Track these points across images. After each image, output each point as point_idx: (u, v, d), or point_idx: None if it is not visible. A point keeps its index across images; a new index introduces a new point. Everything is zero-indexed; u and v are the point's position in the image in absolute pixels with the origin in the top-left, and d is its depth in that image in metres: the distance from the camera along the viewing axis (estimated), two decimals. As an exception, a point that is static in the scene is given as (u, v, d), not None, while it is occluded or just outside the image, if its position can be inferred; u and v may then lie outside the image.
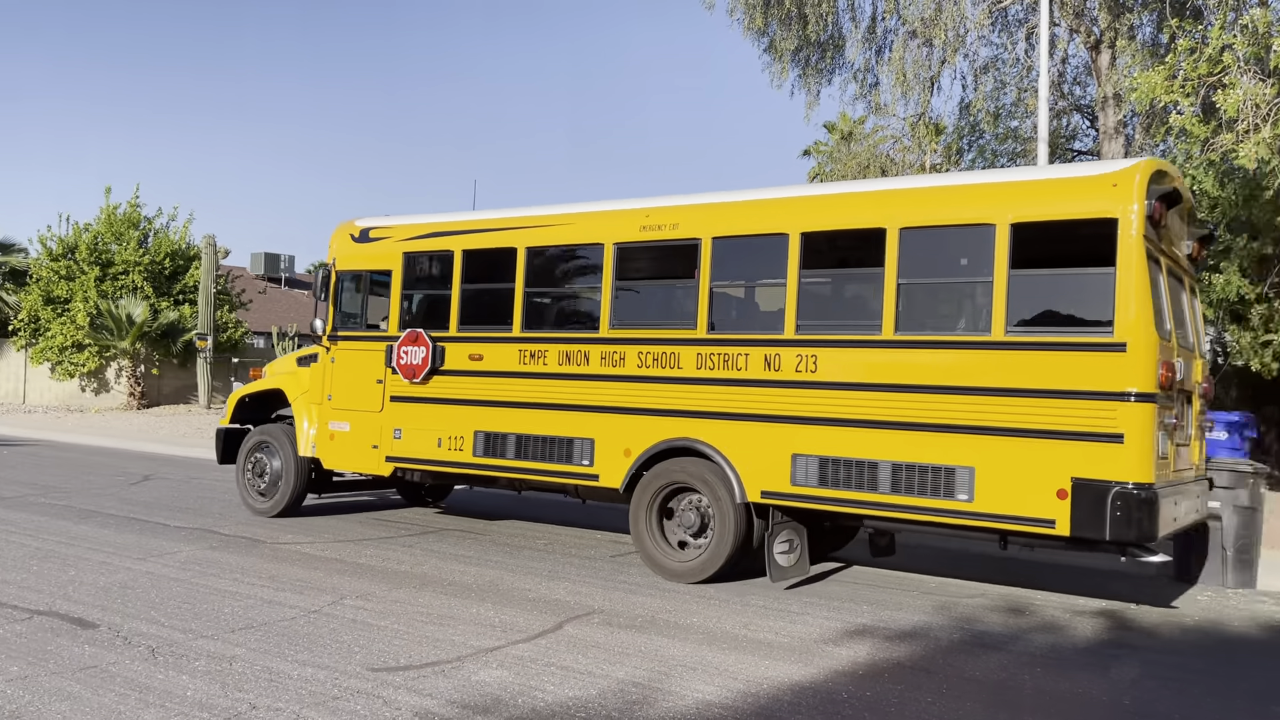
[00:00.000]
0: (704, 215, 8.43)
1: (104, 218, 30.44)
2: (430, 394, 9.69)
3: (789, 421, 7.81)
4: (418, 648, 5.95)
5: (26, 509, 10.73)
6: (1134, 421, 6.62)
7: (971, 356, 7.17)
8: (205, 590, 7.24)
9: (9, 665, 5.33)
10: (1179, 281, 8.07)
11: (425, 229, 10.02)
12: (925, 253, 7.52)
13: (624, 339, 8.64)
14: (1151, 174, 6.92)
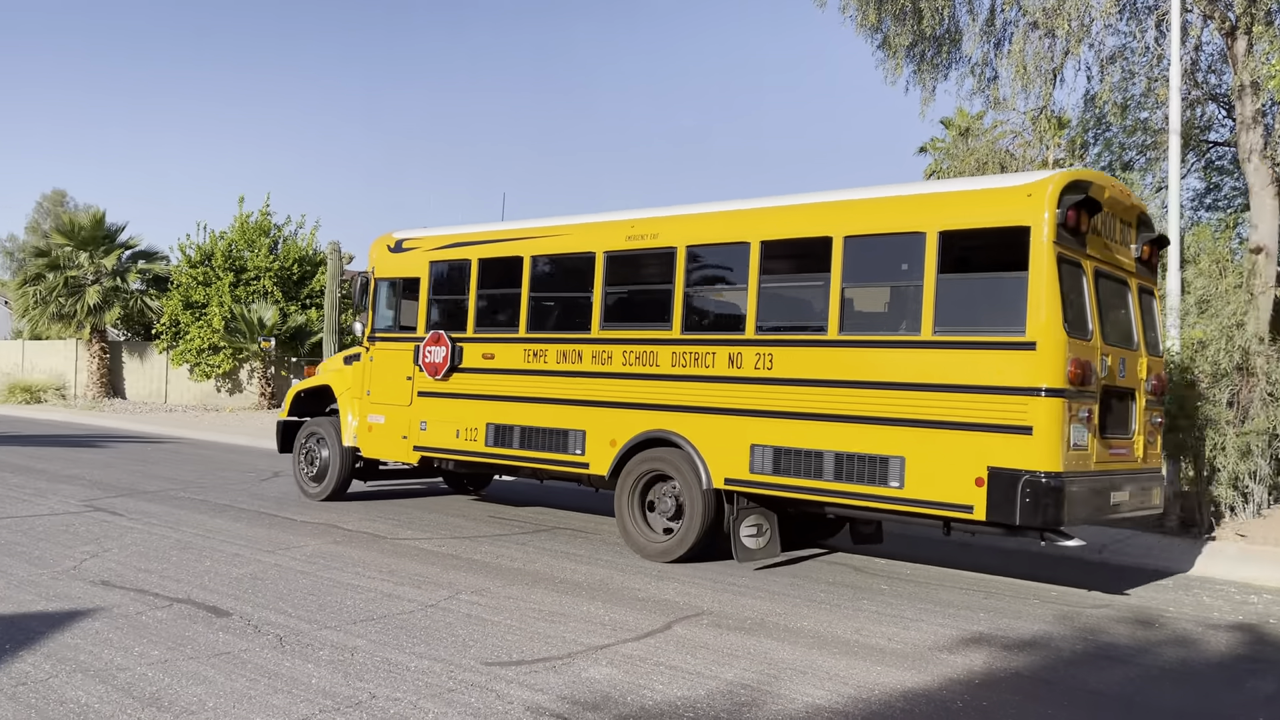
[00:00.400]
0: (679, 225, 9.21)
1: (237, 226, 31.94)
2: (450, 389, 10.68)
3: (748, 415, 8.53)
4: (530, 643, 6.06)
5: (167, 502, 11.35)
6: (1042, 415, 7.14)
7: (903, 355, 7.80)
8: (329, 583, 7.53)
9: (151, 650, 5.65)
10: (1120, 284, 8.47)
11: (448, 240, 11.03)
12: (866, 259, 8.20)
13: (612, 339, 9.51)
14: (1065, 185, 7.42)
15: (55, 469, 14.11)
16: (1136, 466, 8.38)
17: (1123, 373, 8.10)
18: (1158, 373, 8.75)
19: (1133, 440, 8.34)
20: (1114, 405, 8.04)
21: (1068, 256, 7.49)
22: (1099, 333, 7.79)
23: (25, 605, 6.56)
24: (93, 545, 8.65)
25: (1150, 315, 8.98)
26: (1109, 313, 8.15)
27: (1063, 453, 7.21)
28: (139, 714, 4.65)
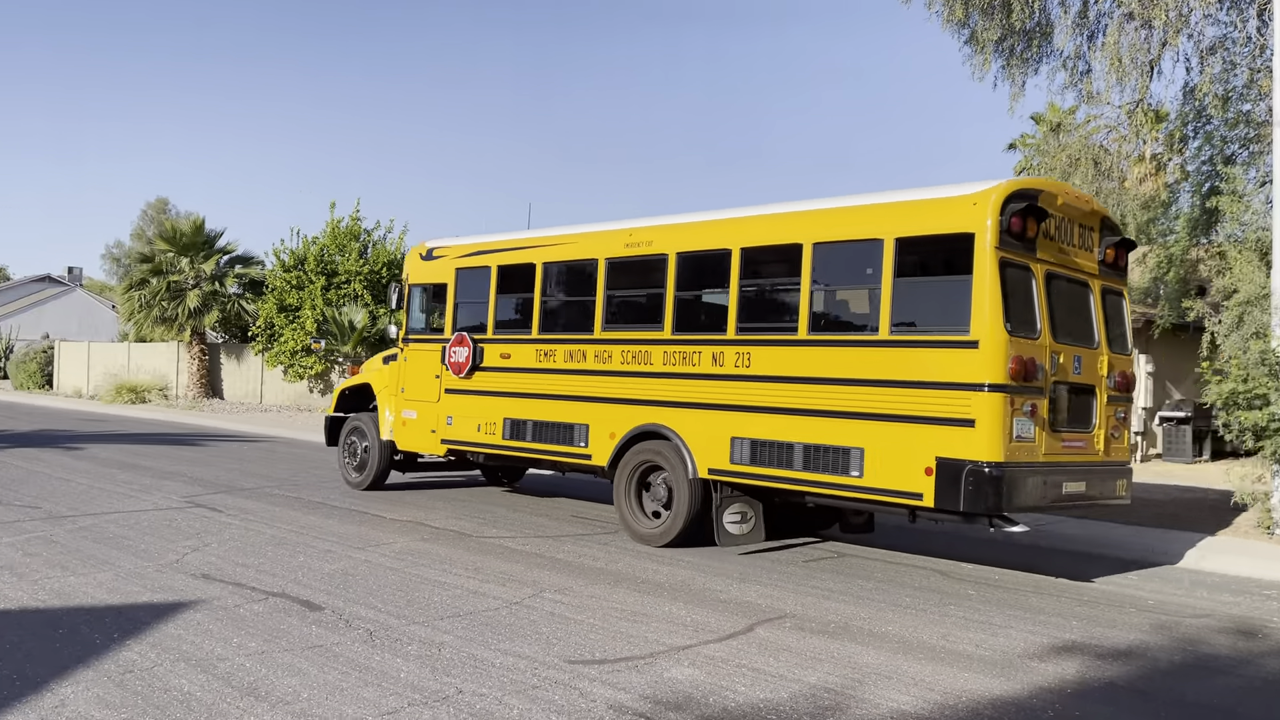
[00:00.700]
0: (670, 234, 9.87)
1: (329, 231, 32.82)
2: (472, 387, 11.53)
3: (729, 409, 9.14)
4: (612, 643, 6.11)
5: (263, 499, 11.73)
6: (984, 409, 7.60)
7: (863, 353, 8.34)
8: (416, 579, 7.70)
9: (248, 642, 5.86)
10: (1081, 285, 8.86)
11: (472, 249, 11.91)
12: (832, 264, 8.82)
13: (612, 339, 10.22)
14: (1008, 194, 7.83)
15: (159, 466, 14.70)
16: (1097, 459, 8.76)
17: (1078, 369, 8.52)
18: (1122, 370, 9.07)
19: (1093, 434, 8.73)
20: (1069, 400, 8.44)
21: (1013, 261, 7.93)
22: (1048, 331, 8.18)
23: (132, 596, 6.86)
24: (194, 540, 8.99)
25: (1117, 315, 9.32)
26: (1065, 313, 8.58)
27: (1004, 444, 7.65)
28: (238, 703, 4.83)
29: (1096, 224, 9.15)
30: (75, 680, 5.08)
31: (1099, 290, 9.04)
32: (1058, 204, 8.50)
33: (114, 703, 4.78)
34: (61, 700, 4.79)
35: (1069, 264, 8.70)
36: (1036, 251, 8.21)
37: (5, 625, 6.04)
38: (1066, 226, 8.71)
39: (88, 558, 8.05)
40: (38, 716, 4.58)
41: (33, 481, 12.54)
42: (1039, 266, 8.21)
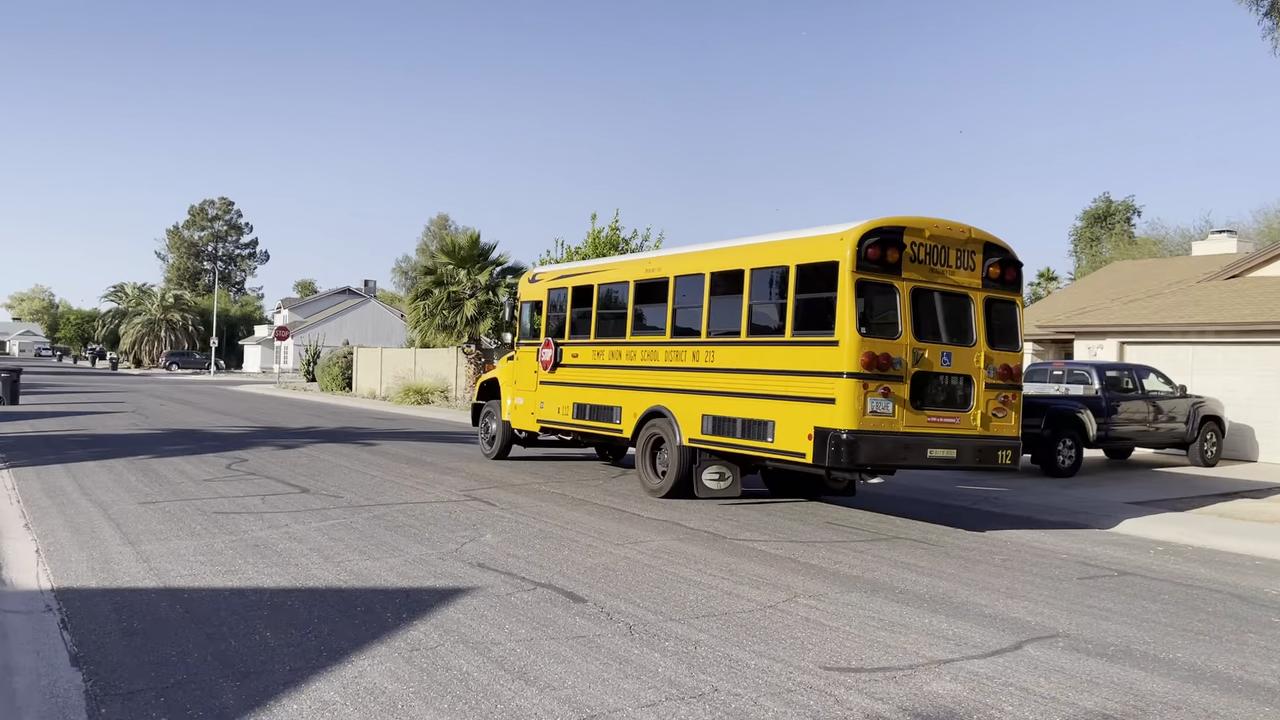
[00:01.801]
0: (671, 262, 13.03)
1: (589, 241, 34.19)
2: (555, 379, 14.91)
3: (702, 394, 11.91)
4: (869, 651, 5.99)
5: (531, 495, 12.42)
6: (842, 390, 10.04)
7: (777, 350, 10.99)
8: (673, 578, 7.89)
9: (519, 628, 6.23)
10: (959, 297, 10.85)
11: (558, 274, 15.80)
12: (762, 284, 11.41)
13: (636, 342, 13.31)
14: (865, 231, 10.19)
15: (440, 462, 15.91)
16: (974, 433, 10.75)
17: (947, 362, 10.63)
18: (1005, 363, 11.01)
19: (970, 413, 10.75)
20: (937, 386, 10.61)
21: (872, 280, 10.28)
22: (910, 333, 10.37)
23: (418, 581, 7.47)
24: (471, 531, 9.66)
25: (1004, 318, 11.20)
26: (937, 318, 10.73)
27: (859, 417, 10.01)
28: (510, 685, 5.15)
29: (979, 248, 11.08)
30: (371, 654, 5.60)
31: (981, 300, 11.02)
32: (925, 235, 10.65)
33: (403, 677, 5.23)
34: (360, 671, 5.31)
35: (944, 280, 10.78)
36: (901, 273, 10.43)
37: (314, 602, 6.76)
38: (940, 251, 10.75)
39: (381, 544, 8.85)
40: (340, 684, 5.10)
41: (335, 474, 13.93)
42: (904, 284, 10.45)
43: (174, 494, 11.52)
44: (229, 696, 4.88)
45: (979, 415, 10.78)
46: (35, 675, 5.12)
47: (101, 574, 7.44)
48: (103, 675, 5.14)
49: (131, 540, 8.70)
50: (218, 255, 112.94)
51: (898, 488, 14.31)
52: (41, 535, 8.87)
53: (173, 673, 5.20)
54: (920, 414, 10.39)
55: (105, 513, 10.09)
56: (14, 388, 28.33)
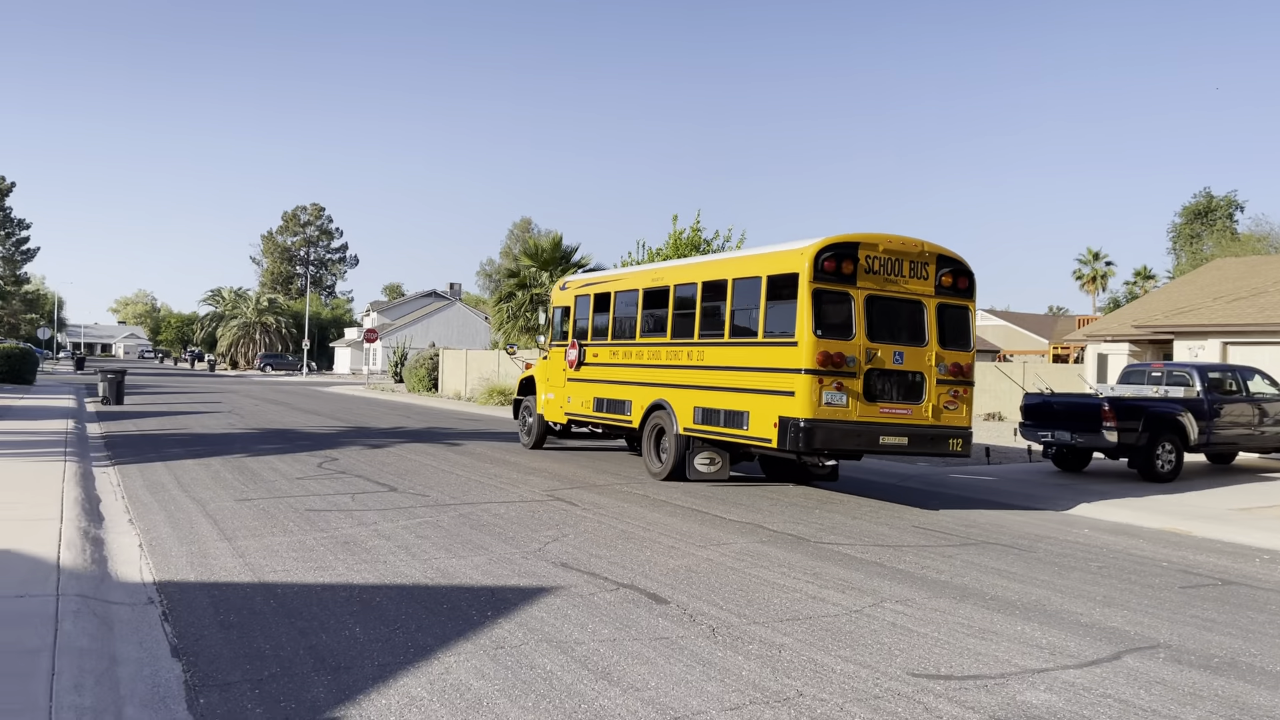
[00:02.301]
0: (672, 272, 14.87)
1: (671, 243, 34.17)
2: (579, 376, 16.72)
3: (695, 388, 13.55)
4: (958, 659, 5.85)
5: (613, 495, 12.45)
6: (799, 385, 11.47)
7: (751, 350, 12.56)
8: (756, 580, 7.82)
9: (601, 629, 6.25)
10: (912, 303, 12.18)
11: (583, 282, 17.73)
12: (741, 292, 12.95)
13: (644, 344, 15.07)
14: (822, 247, 11.60)
15: (523, 462, 16.07)
16: (925, 423, 12.08)
17: (899, 360, 11.97)
18: (955, 361, 12.31)
19: (922, 405, 12.09)
20: (889, 381, 11.94)
21: (829, 290, 11.71)
22: (864, 335, 11.76)
23: (502, 579, 7.55)
24: (553, 530, 9.73)
25: (956, 322, 12.49)
26: (890, 322, 12.07)
27: (814, 407, 11.46)
28: (593, 685, 5.16)
29: (932, 259, 12.40)
30: (457, 651, 5.67)
31: (934, 306, 12.33)
32: (880, 249, 12.01)
33: (488, 674, 5.28)
34: (446, 668, 5.38)
35: (898, 289, 12.14)
36: (857, 282, 11.84)
37: (402, 598, 6.88)
38: (895, 263, 12.12)
39: (466, 542, 8.97)
40: (427, 681, 5.17)
41: (422, 473, 14.17)
42: (859, 292, 11.86)
43: (268, 491, 11.85)
44: (320, 690, 4.98)
45: (930, 407, 12.19)
46: (138, 665, 5.31)
47: (200, 568, 7.69)
48: (201, 666, 5.31)
49: (228, 536, 8.97)
50: (309, 260, 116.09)
51: (982, 489, 13.97)
52: (144, 530, 9.21)
53: (266, 665, 5.34)
54: (873, 405, 11.83)
55: (203, 509, 10.43)
56: (119, 389, 29.53)
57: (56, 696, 4.49)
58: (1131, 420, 14.99)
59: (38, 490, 10.68)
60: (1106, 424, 14.84)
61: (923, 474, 15.82)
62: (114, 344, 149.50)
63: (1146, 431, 15.17)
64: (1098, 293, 75.26)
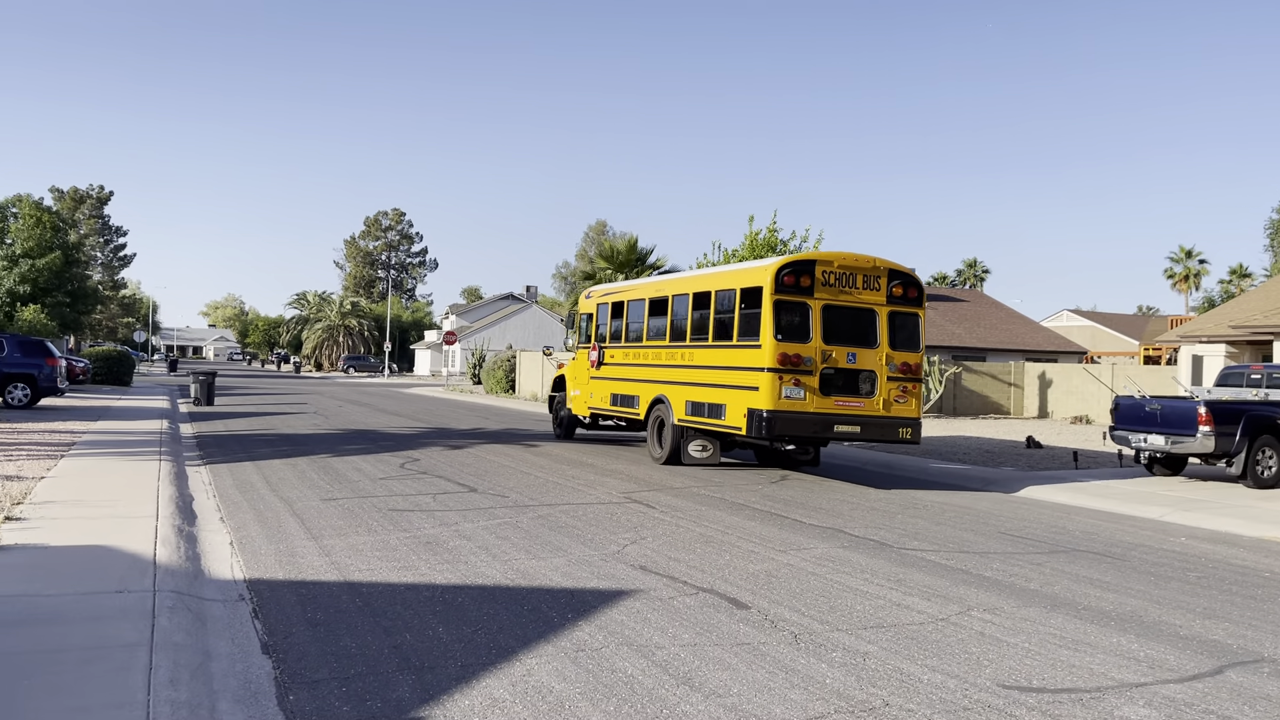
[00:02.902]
0: (671, 284, 17.09)
1: (747, 243, 33.95)
2: (599, 375, 18.90)
3: (687, 385, 15.53)
4: (1051, 671, 5.67)
5: (691, 499, 12.40)
6: (762, 381, 13.54)
7: (728, 351, 14.53)
8: (838, 586, 7.69)
9: (682, 633, 6.20)
10: (866, 311, 14.12)
11: (604, 291, 19.80)
12: (721, 301, 14.98)
13: (649, 346, 17.19)
14: (781, 265, 13.72)
15: (600, 464, 16.12)
16: (876, 414, 13.95)
17: (852, 360, 13.85)
18: (904, 361, 14.18)
19: (874, 399, 13.95)
20: (844, 378, 13.82)
21: (789, 300, 13.67)
22: (819, 338, 13.71)
23: (582, 581, 7.56)
24: (632, 533, 9.72)
25: (905, 327, 14.34)
26: (844, 327, 13.95)
27: (775, 400, 13.39)
28: (674, 690, 5.12)
29: (884, 273, 14.32)
30: (538, 653, 5.69)
31: (886, 313, 14.25)
32: (835, 265, 14.01)
33: (570, 677, 5.28)
34: (528, 670, 5.39)
35: (852, 299, 14.07)
36: (814, 294, 13.81)
37: (483, 599, 6.93)
38: (849, 277, 14.04)
39: (545, 543, 9.01)
40: (509, 682, 5.19)
41: (501, 474, 14.31)
42: (815, 302, 13.84)
43: (352, 491, 12.08)
44: (405, 689, 5.04)
45: (881, 401, 14.11)
46: (230, 661, 5.43)
47: (288, 566, 7.86)
48: (290, 664, 5.41)
49: (314, 535, 9.16)
50: (390, 264, 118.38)
51: (1069, 494, 13.57)
52: (234, 528, 9.46)
53: (353, 664, 5.42)
54: (828, 399, 13.79)
55: (291, 508, 10.67)
56: (210, 390, 30.45)
57: (154, 690, 4.61)
58: (1229, 424, 14.41)
59: (135, 489, 11.05)
60: (1203, 428, 14.29)
61: (1005, 478, 15.44)
62: (205, 346, 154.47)
63: (1246, 436, 14.57)
64: (1190, 292, 72.78)
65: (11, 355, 23.94)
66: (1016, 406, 36.74)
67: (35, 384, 23.99)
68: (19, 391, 23.88)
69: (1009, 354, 45.08)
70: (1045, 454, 19.67)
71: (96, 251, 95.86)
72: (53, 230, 56.10)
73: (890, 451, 19.27)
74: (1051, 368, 36.63)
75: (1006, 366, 37.43)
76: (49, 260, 54.53)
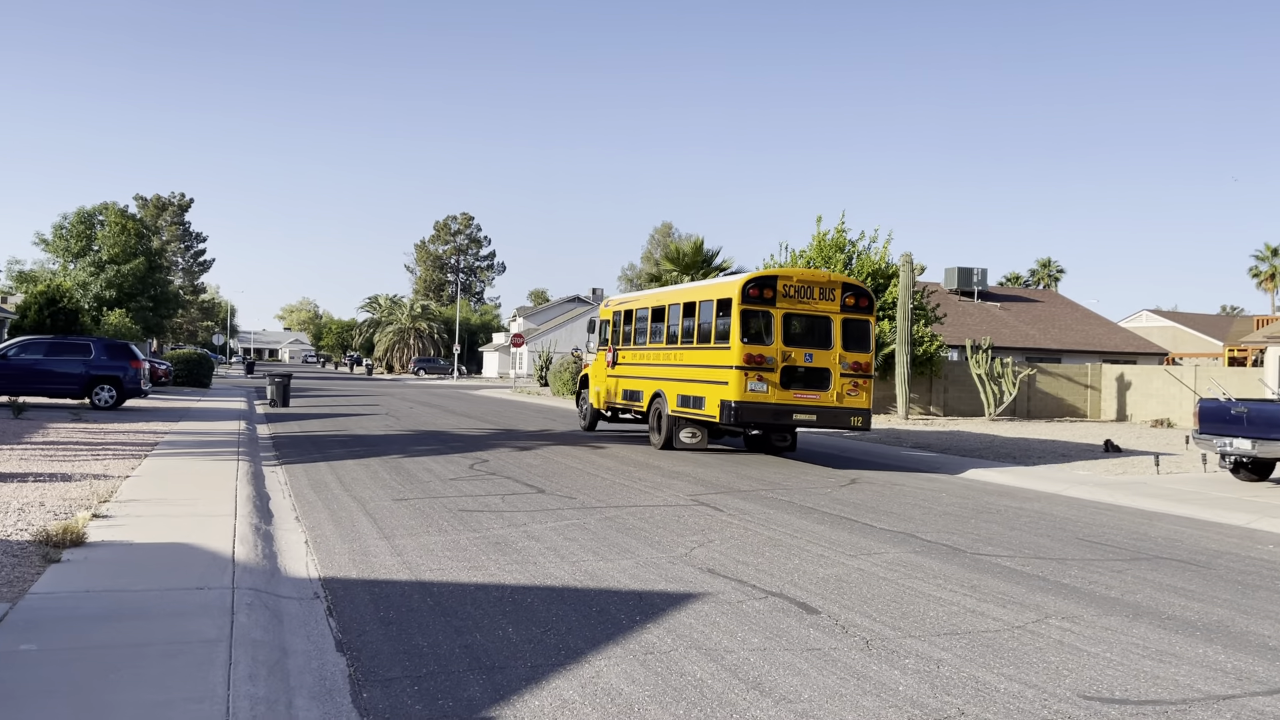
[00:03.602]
0: (668, 295, 19.98)
1: (815, 244, 33.70)
2: (614, 373, 21.59)
3: (678, 381, 18.26)
4: (1134, 681, 5.49)
5: (758, 501, 12.32)
6: (731, 377, 16.23)
7: (707, 352, 17.27)
8: (910, 592, 7.56)
9: (751, 637, 6.15)
10: (822, 319, 16.86)
11: (618, 301, 22.50)
12: (704, 310, 17.71)
13: (651, 348, 19.93)
14: (747, 280, 16.53)
15: (667, 466, 16.10)
16: (830, 405, 16.64)
17: (810, 359, 16.54)
18: (856, 360, 16.80)
19: (828, 392, 16.63)
20: (801, 374, 16.51)
21: (754, 310, 16.42)
22: (780, 341, 16.41)
23: (649, 584, 7.55)
24: (699, 535, 9.68)
25: (858, 331, 16.98)
26: (803, 332, 16.74)
27: (742, 393, 16.09)
28: (744, 695, 5.08)
29: (838, 286, 17.01)
30: (606, 655, 5.69)
31: (840, 320, 16.83)
32: (794, 280, 16.76)
33: (638, 680, 5.27)
34: (597, 672, 5.40)
35: (810, 308, 16.70)
36: (776, 304, 16.45)
37: (552, 600, 6.96)
38: (807, 289, 16.76)
39: (613, 545, 9.02)
40: (578, 683, 5.20)
41: (568, 475, 14.38)
42: (777, 311, 16.48)
43: (423, 492, 12.24)
44: (475, 689, 5.08)
45: (835, 394, 16.76)
46: (306, 658, 5.53)
47: (361, 565, 7.98)
48: (363, 661, 5.49)
49: (386, 534, 9.30)
50: (459, 267, 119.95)
51: (1157, 497, 13.16)
52: (309, 527, 9.65)
53: (425, 663, 5.48)
54: (788, 392, 16.48)
55: (363, 508, 10.85)
56: (285, 392, 31.16)
57: (233, 686, 4.72)
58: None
59: (214, 488, 11.34)
60: (1293, 432, 13.75)
61: (1077, 480, 15.04)
62: (280, 349, 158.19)
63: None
64: (1277, 291, 70.25)
65: (99, 358, 24.79)
66: (1094, 409, 35.83)
67: (121, 386, 24.80)
68: (105, 393, 24.71)
69: (1085, 355, 43.98)
70: (1124, 458, 19.13)
71: (178, 257, 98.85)
72: (137, 237, 57.93)
73: (963, 454, 18.93)
74: (1130, 369, 35.66)
75: (1083, 368, 36.54)
76: (133, 266, 56.28)
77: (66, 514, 9.08)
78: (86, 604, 6.09)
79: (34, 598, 6.18)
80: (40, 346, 25.06)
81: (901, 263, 31.31)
